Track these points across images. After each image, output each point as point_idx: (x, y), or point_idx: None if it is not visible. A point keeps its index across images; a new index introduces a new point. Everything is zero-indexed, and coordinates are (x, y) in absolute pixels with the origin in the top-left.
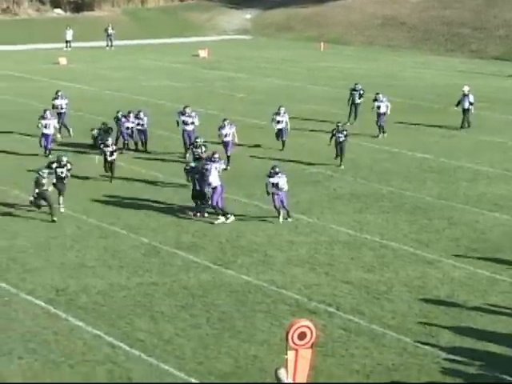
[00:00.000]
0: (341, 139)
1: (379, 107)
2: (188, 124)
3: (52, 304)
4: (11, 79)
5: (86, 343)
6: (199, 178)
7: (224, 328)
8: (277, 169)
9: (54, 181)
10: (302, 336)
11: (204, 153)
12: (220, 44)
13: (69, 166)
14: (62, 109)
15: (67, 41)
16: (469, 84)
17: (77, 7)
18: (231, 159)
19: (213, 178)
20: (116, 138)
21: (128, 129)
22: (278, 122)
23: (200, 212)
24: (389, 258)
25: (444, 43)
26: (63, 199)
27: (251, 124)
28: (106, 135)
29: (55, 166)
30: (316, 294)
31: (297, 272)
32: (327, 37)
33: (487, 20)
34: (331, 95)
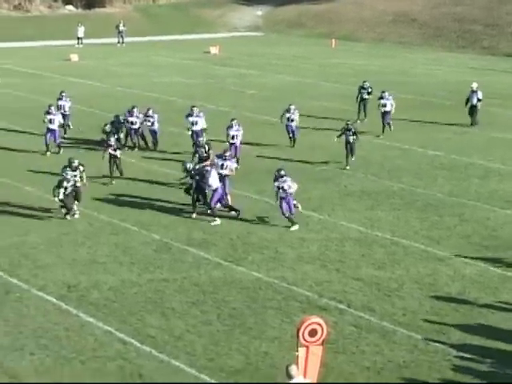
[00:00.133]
0: (350, 138)
1: (385, 105)
2: (197, 124)
3: (63, 300)
4: (23, 76)
5: (97, 339)
6: (199, 180)
7: (235, 324)
8: (282, 172)
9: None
10: (313, 333)
11: (208, 151)
12: (231, 41)
13: (81, 169)
14: (66, 111)
15: (79, 37)
16: (480, 81)
17: (88, 4)
18: (242, 156)
19: (213, 180)
20: (125, 136)
21: (133, 124)
22: (288, 120)
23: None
24: (400, 255)
25: (455, 40)
26: (77, 204)
27: (262, 120)
28: (110, 135)
29: (69, 170)
30: (327, 291)
31: (308, 269)
32: (338, 33)
33: (499, 17)
34: (342, 92)
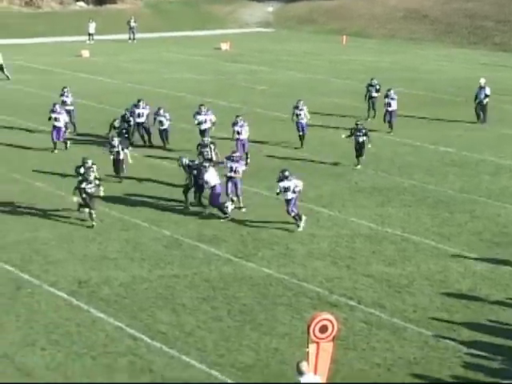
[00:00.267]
0: (360, 139)
1: (390, 104)
2: (205, 122)
3: (74, 296)
4: (35, 72)
5: (108, 335)
6: (196, 175)
7: (245, 321)
8: (286, 172)
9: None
10: (324, 329)
11: (213, 151)
12: (242, 37)
13: (94, 169)
14: (69, 106)
15: (90, 34)
16: (492, 77)
17: (99, 0)
18: (252, 153)
19: (210, 177)
20: (132, 132)
21: (140, 116)
22: (298, 116)
23: (187, 206)
24: (410, 252)
25: (467, 36)
26: (93, 206)
27: (273, 117)
28: (114, 136)
29: (83, 170)
30: (337, 288)
31: (318, 265)
32: (349, 30)
33: (511, 13)
34: (353, 88)
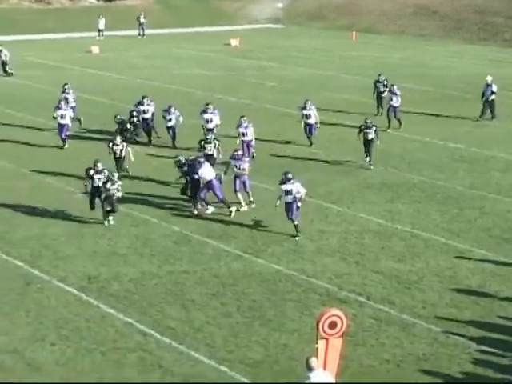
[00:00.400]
0: (369, 136)
1: (391, 99)
2: (212, 121)
3: (84, 291)
4: (45, 68)
5: (118, 331)
6: (191, 172)
7: (254, 317)
8: (289, 175)
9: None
10: (333, 325)
11: (216, 148)
12: (252, 33)
13: (106, 173)
14: (70, 102)
15: (100, 30)
16: (501, 73)
17: None
18: (262, 148)
19: (205, 172)
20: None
21: (145, 112)
22: (307, 117)
23: (195, 206)
24: (420, 248)
25: (477, 32)
26: (109, 209)
27: (282, 113)
28: (117, 134)
29: (92, 173)
30: (346, 284)
31: (327, 261)
32: (359, 26)
33: None
34: (363, 84)
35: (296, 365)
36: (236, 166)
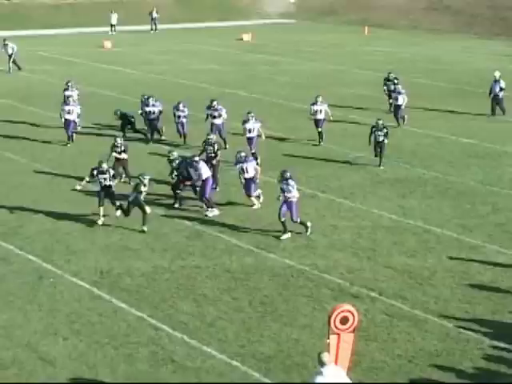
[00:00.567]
0: (380, 138)
1: (397, 99)
2: (216, 117)
3: (96, 286)
4: (58, 63)
5: (130, 325)
6: (182, 168)
7: (266, 311)
8: (287, 173)
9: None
10: (345, 320)
11: (216, 151)
12: (264, 28)
13: (111, 173)
14: (74, 101)
15: (112, 25)
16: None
17: None
18: (273, 144)
19: (202, 171)
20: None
21: (151, 113)
22: (316, 113)
23: (181, 202)
24: (432, 243)
25: (489, 27)
26: (118, 204)
27: (294, 108)
28: (118, 137)
29: (96, 173)
30: (358, 279)
31: (339, 256)
32: (371, 21)
33: None
34: (375, 79)
35: (308, 360)
36: (243, 170)
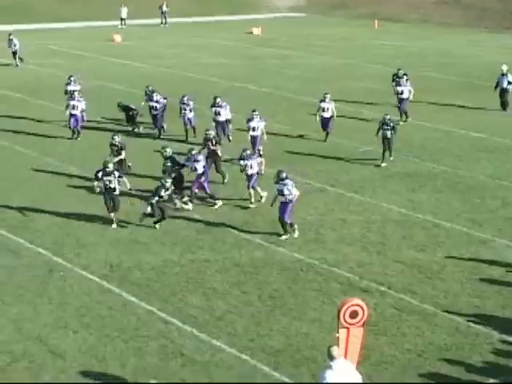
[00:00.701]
0: (388, 133)
1: (402, 92)
2: (220, 114)
3: (106, 279)
4: (67, 56)
5: (140, 319)
6: (175, 165)
7: (275, 305)
8: (283, 174)
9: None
10: (354, 315)
11: (215, 146)
12: (274, 21)
13: (116, 174)
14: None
15: (122, 18)
16: None
17: None
18: (282, 139)
19: (200, 164)
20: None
21: (154, 109)
22: (324, 110)
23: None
24: (441, 238)
25: (500, 21)
26: (115, 214)
27: (304, 102)
28: (116, 136)
29: (101, 175)
30: (368, 273)
31: (349, 250)
32: (381, 14)
33: None
34: (385, 73)
35: (317, 354)
36: (247, 166)
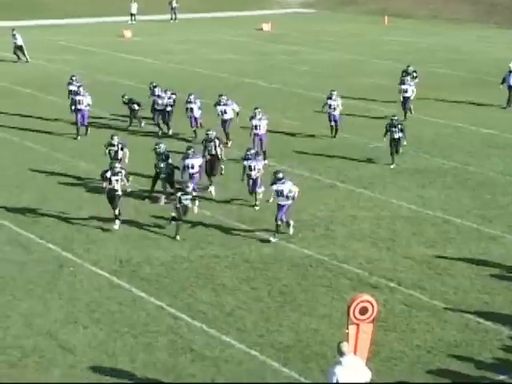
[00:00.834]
0: (395, 135)
1: (406, 91)
2: (226, 113)
3: (116, 275)
4: (77, 52)
5: (149, 314)
6: (162, 161)
7: (285, 301)
8: (280, 174)
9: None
10: (364, 311)
11: (218, 147)
12: (284, 17)
13: (123, 173)
14: (74, 93)
15: (132, 14)
16: None
17: None
18: (291, 134)
19: (194, 162)
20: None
21: (156, 104)
22: (330, 107)
23: (166, 198)
24: (451, 234)
25: (509, 16)
26: (118, 214)
27: (314, 98)
28: (114, 137)
29: (109, 175)
30: (377, 269)
31: (358, 247)
32: (391, 10)
33: None
34: (394, 69)
35: (326, 349)
36: (250, 167)
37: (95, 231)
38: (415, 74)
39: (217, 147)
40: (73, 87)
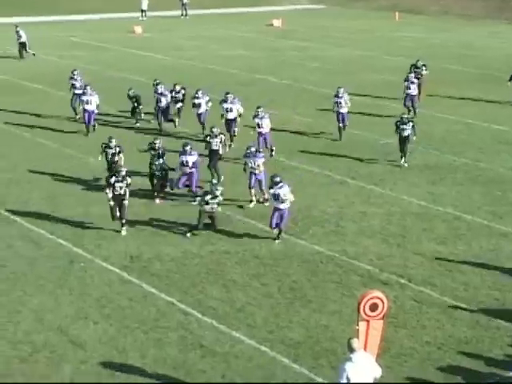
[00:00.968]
0: (405, 133)
1: (409, 88)
2: (231, 111)
3: (126, 270)
4: (88, 48)
5: (160, 310)
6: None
7: (295, 297)
8: (277, 178)
9: (111, 195)
10: (374, 307)
11: (221, 143)
12: (294, 13)
13: (128, 181)
14: (78, 89)
15: (142, 10)
16: None
17: None
18: (301, 130)
19: (191, 159)
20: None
21: (158, 101)
22: (338, 105)
23: (163, 197)
24: (462, 230)
25: None
26: (124, 220)
27: (324, 94)
28: (112, 139)
29: (114, 181)
30: (388, 265)
31: (369, 243)
32: (402, 6)
33: None
34: (405, 66)
35: (336, 346)
36: (251, 164)
37: (106, 227)
38: (424, 68)
39: (220, 143)
40: (73, 82)
